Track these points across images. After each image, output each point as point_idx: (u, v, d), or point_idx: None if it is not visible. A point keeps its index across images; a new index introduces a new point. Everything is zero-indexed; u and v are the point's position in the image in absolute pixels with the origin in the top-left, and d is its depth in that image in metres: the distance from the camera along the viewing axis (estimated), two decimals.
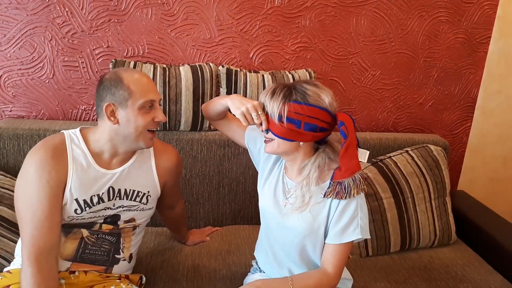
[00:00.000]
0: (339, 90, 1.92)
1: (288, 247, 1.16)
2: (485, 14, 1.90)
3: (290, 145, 1.08)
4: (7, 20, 1.61)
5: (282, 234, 1.16)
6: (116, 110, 1.07)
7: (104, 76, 1.11)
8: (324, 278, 1.08)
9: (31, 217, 1.02)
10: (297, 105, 1.03)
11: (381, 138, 1.82)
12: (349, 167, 1.04)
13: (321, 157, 1.10)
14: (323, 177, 1.10)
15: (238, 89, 1.65)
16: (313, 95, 1.04)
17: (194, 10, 1.70)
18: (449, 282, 1.46)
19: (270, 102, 1.06)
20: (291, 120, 1.03)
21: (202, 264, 1.45)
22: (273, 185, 1.20)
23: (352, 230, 1.07)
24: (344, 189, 1.04)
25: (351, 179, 1.04)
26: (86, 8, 1.64)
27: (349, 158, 1.04)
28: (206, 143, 1.66)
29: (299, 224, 1.10)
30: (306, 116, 1.03)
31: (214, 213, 1.74)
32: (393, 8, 1.83)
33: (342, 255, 1.08)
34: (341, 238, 1.07)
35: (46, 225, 1.03)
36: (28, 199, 1.04)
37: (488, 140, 2.12)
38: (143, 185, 1.21)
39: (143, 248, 1.53)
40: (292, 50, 1.82)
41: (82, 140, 1.12)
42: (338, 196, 1.05)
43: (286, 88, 1.06)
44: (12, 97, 1.71)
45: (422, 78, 1.97)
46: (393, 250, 1.63)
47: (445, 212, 1.70)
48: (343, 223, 1.07)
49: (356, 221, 1.07)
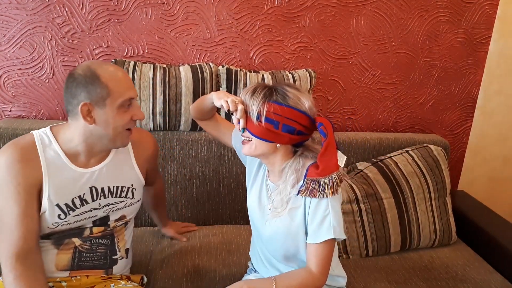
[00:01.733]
0: (339, 90, 1.92)
1: (273, 250, 1.16)
2: (485, 14, 1.90)
3: (267, 146, 1.07)
4: (7, 20, 1.61)
5: (267, 236, 1.16)
6: (93, 109, 1.00)
7: (76, 70, 1.02)
8: (309, 278, 1.06)
9: (4, 222, 0.99)
10: (277, 105, 1.03)
11: (381, 138, 1.82)
12: (327, 166, 1.03)
13: (298, 160, 1.10)
14: (300, 178, 1.08)
15: (238, 89, 1.65)
16: (294, 97, 1.04)
17: (194, 10, 1.70)
18: (449, 282, 1.46)
19: (250, 101, 1.05)
20: (269, 120, 1.03)
21: (202, 264, 1.45)
22: (258, 188, 1.20)
23: (325, 229, 1.05)
24: (319, 187, 1.03)
25: (327, 178, 1.02)
26: (86, 8, 1.64)
27: (329, 157, 1.03)
28: (206, 143, 1.66)
29: (279, 227, 1.10)
30: (285, 118, 1.03)
31: (214, 213, 1.74)
32: (393, 8, 1.83)
33: (323, 254, 1.06)
34: (316, 237, 1.06)
35: (20, 231, 0.98)
36: (0, 204, 1.00)
37: (488, 140, 2.12)
38: (126, 179, 1.16)
39: (143, 248, 1.53)
40: (292, 50, 1.82)
41: (55, 140, 1.06)
42: (312, 194, 1.04)
43: (267, 88, 1.06)
44: (12, 97, 1.71)
45: (422, 78, 1.97)
46: (393, 250, 1.63)
47: (445, 212, 1.70)
48: (317, 222, 1.06)
49: (328, 220, 1.05)
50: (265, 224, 1.14)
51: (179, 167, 1.66)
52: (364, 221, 1.59)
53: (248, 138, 1.08)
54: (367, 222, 1.59)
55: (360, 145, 1.78)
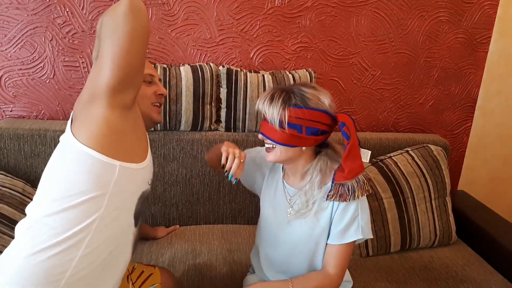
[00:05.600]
0: (339, 90, 1.92)
1: (296, 254, 1.14)
2: (485, 14, 1.90)
3: (293, 151, 1.06)
4: (7, 20, 1.62)
5: (288, 240, 1.14)
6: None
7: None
8: (325, 280, 1.06)
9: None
10: (298, 109, 1.01)
11: (381, 138, 1.82)
12: (352, 169, 1.02)
13: (322, 160, 1.09)
14: (325, 180, 1.08)
15: (239, 89, 1.65)
16: (313, 98, 1.03)
17: (195, 10, 1.71)
18: (449, 282, 1.47)
19: (269, 108, 1.03)
20: (292, 125, 1.01)
21: (203, 262, 1.46)
22: (272, 194, 1.19)
23: (353, 230, 1.05)
24: (348, 191, 1.02)
25: (355, 180, 1.02)
26: (87, 8, 1.64)
27: (353, 159, 1.02)
28: (206, 143, 1.66)
29: (303, 230, 1.09)
30: (307, 120, 1.01)
31: (214, 213, 1.74)
32: (393, 8, 1.83)
33: (344, 255, 1.07)
34: (343, 238, 1.06)
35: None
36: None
37: (488, 140, 2.12)
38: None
39: (143, 248, 1.53)
40: (293, 50, 1.82)
41: None
42: (342, 199, 1.03)
43: (284, 92, 1.04)
44: (12, 97, 1.71)
45: (423, 78, 1.97)
46: (393, 250, 1.63)
47: (445, 212, 1.70)
48: (344, 224, 1.06)
49: (357, 221, 1.05)
50: (285, 227, 1.12)
51: (179, 167, 1.66)
52: None
53: (272, 145, 1.07)
54: None
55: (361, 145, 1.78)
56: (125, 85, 0.84)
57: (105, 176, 0.83)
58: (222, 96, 1.68)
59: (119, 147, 0.86)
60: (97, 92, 0.82)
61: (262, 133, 1.08)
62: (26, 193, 1.45)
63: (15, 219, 1.32)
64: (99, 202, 0.83)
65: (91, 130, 0.83)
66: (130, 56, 0.82)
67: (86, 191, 0.81)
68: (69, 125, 0.88)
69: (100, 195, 0.83)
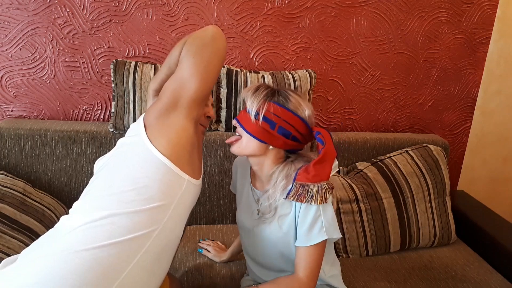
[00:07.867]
0: (339, 90, 1.92)
1: (267, 256, 1.14)
2: (485, 14, 1.91)
3: (259, 147, 1.04)
4: (8, 20, 1.62)
5: (258, 243, 1.14)
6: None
7: None
8: (294, 284, 1.03)
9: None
10: (278, 106, 1.02)
11: (381, 138, 1.82)
12: (318, 174, 1.00)
13: (289, 166, 1.06)
14: (289, 184, 1.05)
15: (239, 89, 1.66)
16: (295, 102, 1.03)
17: (195, 11, 1.71)
18: (449, 282, 1.47)
19: (251, 97, 1.04)
20: (267, 119, 1.02)
21: (203, 262, 1.46)
22: (245, 197, 1.19)
23: (317, 231, 1.02)
24: (307, 193, 1.00)
25: (316, 185, 1.00)
26: (87, 8, 1.64)
27: (323, 165, 1.01)
28: (206, 143, 1.67)
29: (268, 235, 1.09)
30: (283, 120, 1.02)
31: (214, 213, 1.74)
32: (393, 9, 1.83)
33: (312, 257, 1.03)
34: (308, 240, 1.03)
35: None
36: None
37: (488, 140, 2.13)
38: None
39: None
40: (292, 50, 1.83)
41: None
42: (300, 199, 1.01)
43: (270, 88, 1.05)
44: (13, 97, 1.72)
45: (422, 78, 1.97)
46: (393, 249, 1.64)
47: (445, 212, 1.71)
48: (307, 225, 1.03)
49: (320, 222, 1.02)
50: (255, 231, 1.12)
51: None
52: (363, 220, 1.59)
53: (240, 136, 1.07)
54: (367, 222, 1.59)
55: (360, 145, 1.79)
56: (203, 99, 0.97)
57: (174, 188, 0.89)
58: (222, 96, 1.68)
59: (189, 161, 0.94)
60: (180, 102, 0.93)
61: (236, 119, 1.08)
62: (27, 193, 1.45)
63: (16, 219, 1.32)
64: (165, 211, 0.87)
65: (170, 138, 0.90)
66: (215, 73, 0.97)
67: (156, 198, 0.85)
68: (143, 131, 0.93)
69: (167, 204, 0.87)
